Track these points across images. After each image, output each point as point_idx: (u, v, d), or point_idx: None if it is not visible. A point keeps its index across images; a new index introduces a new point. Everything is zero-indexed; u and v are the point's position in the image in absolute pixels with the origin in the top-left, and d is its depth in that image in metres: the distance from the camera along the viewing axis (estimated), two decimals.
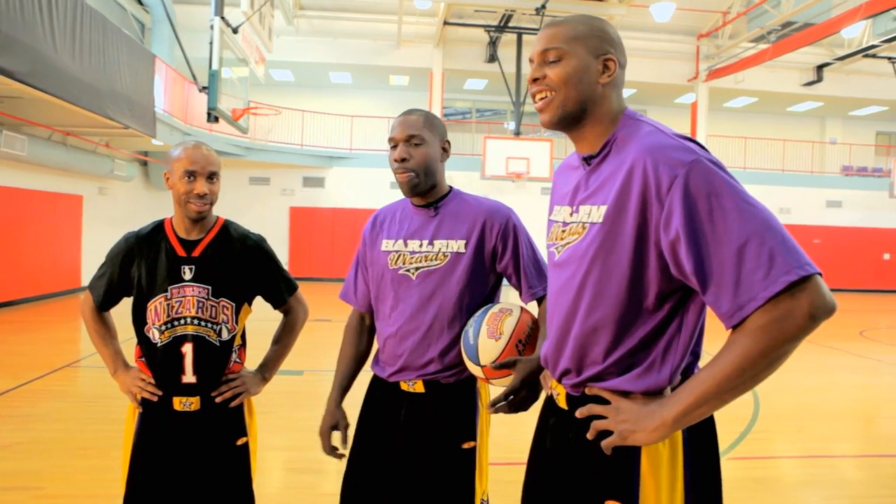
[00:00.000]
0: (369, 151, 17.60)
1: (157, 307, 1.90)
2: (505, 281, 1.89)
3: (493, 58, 16.16)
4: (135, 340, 1.98)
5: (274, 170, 16.96)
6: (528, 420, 1.64)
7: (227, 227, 2.00)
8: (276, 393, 5.51)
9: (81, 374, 6.03)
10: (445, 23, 15.20)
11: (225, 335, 1.93)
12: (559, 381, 1.31)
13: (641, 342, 1.19)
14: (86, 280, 12.99)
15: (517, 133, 15.79)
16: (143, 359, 1.95)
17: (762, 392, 5.35)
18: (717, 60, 17.08)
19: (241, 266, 1.96)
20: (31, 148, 9.86)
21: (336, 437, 1.91)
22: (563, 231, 1.30)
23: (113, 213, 14.22)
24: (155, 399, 1.90)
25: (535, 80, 1.28)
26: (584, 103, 1.25)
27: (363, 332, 2.01)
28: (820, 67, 17.53)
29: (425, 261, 1.78)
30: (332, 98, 18.89)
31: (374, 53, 16.89)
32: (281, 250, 17.21)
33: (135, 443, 1.91)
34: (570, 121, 1.27)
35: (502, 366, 1.59)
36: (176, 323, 1.89)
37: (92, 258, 13.12)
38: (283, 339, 2.14)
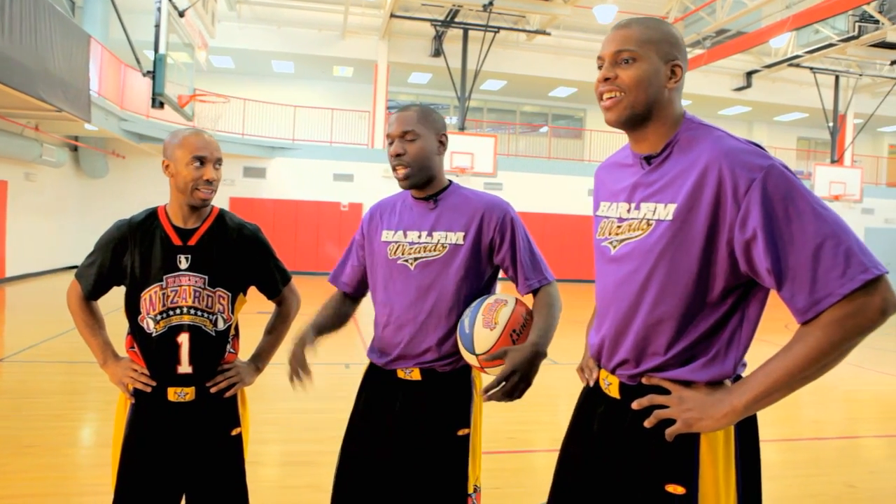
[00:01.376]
0: (312, 143, 17.36)
1: (151, 296, 1.87)
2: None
3: (438, 52, 16.20)
4: (121, 330, 1.94)
5: None
6: (517, 411, 1.72)
7: (222, 216, 1.97)
8: (256, 385, 5.40)
9: (14, 369, 5.75)
10: (392, 15, 15.13)
11: (221, 325, 1.91)
12: (613, 371, 1.37)
13: (704, 335, 1.26)
14: (10, 270, 12.33)
15: (461, 128, 15.90)
16: (136, 349, 1.91)
17: None
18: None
19: (238, 255, 1.95)
20: None
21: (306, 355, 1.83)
22: (620, 227, 1.36)
23: (41, 200, 13.54)
24: (148, 390, 1.86)
25: (606, 80, 1.32)
26: (651, 105, 1.30)
27: (341, 302, 2.04)
28: (749, 74, 18.42)
29: (424, 251, 1.82)
30: (274, 87, 18.53)
31: (318, 43, 16.66)
32: None
33: (126, 434, 1.87)
34: (636, 121, 1.32)
35: (495, 357, 1.64)
36: (172, 313, 1.86)
37: (17, 247, 12.47)
38: (277, 329, 2.13)
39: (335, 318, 2.01)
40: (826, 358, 1.14)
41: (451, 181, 1.91)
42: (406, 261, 1.84)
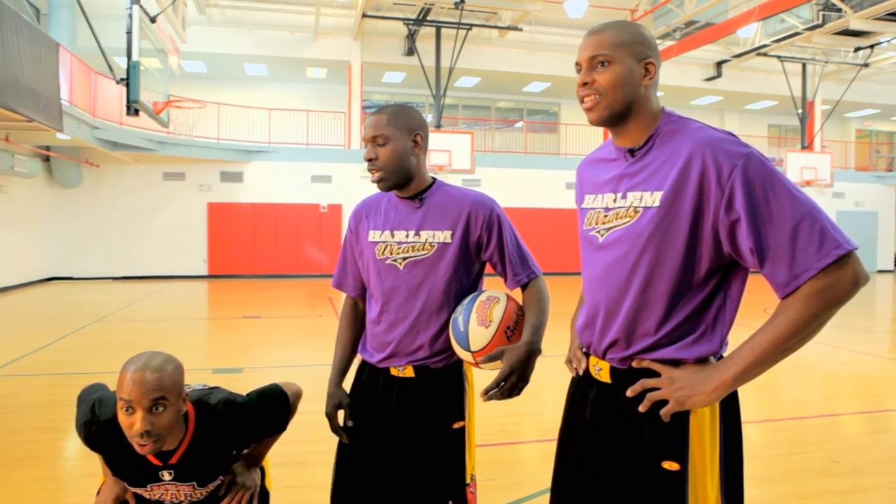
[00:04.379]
0: (288, 145, 17.28)
1: (137, 493, 1.77)
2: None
3: (411, 51, 16.22)
4: None
5: (189, 164, 16.36)
6: (506, 404, 1.77)
7: (201, 428, 1.69)
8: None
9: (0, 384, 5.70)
10: (364, 15, 15.11)
11: (220, 478, 1.83)
12: (603, 356, 1.44)
13: (691, 314, 1.34)
14: None
15: (437, 125, 15.94)
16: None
17: None
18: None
19: (230, 450, 1.78)
20: None
21: (341, 416, 1.94)
22: (607, 216, 1.43)
23: (13, 211, 13.33)
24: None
25: (584, 84, 1.40)
26: (629, 103, 1.38)
27: (357, 317, 2.06)
28: (719, 64, 18.71)
29: (412, 251, 1.84)
30: (248, 91, 18.41)
31: (290, 45, 16.59)
32: (199, 248, 16.66)
33: None
34: (616, 119, 1.40)
35: (491, 357, 1.69)
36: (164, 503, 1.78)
37: None
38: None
39: (353, 347, 2.03)
40: (807, 328, 1.22)
41: (434, 179, 1.92)
42: (395, 260, 1.86)
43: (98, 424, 1.65)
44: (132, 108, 7.70)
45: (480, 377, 1.97)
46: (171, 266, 16.47)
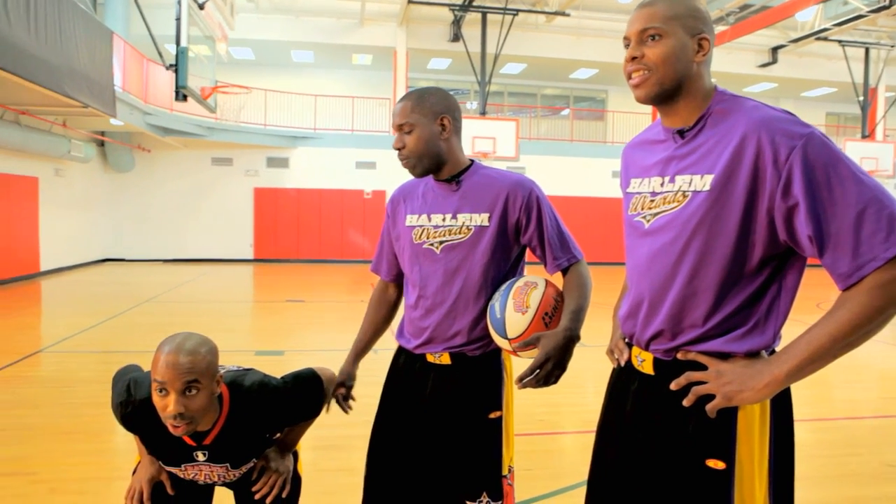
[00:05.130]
0: (333, 131, 17.41)
1: (172, 472, 1.79)
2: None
3: (457, 37, 16.09)
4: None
5: (237, 150, 16.66)
6: (545, 394, 1.72)
7: (235, 410, 1.69)
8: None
9: (50, 360, 5.90)
10: (409, 1, 15.05)
11: (253, 461, 1.84)
12: (647, 346, 1.37)
13: (742, 304, 1.25)
14: (45, 264, 12.62)
15: (482, 112, 15.82)
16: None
17: None
18: None
19: (263, 433, 1.79)
20: None
21: (340, 392, 1.95)
22: (653, 201, 1.35)
23: (69, 195, 13.81)
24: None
25: (633, 59, 1.32)
26: (680, 81, 1.30)
27: (385, 301, 2.05)
28: (775, 49, 18.01)
29: (449, 234, 1.80)
30: (294, 77, 18.59)
31: (337, 32, 16.65)
32: (245, 232, 16.98)
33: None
34: (665, 97, 1.32)
35: (527, 343, 1.64)
36: (196, 481, 1.80)
37: (50, 242, 12.74)
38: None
39: (375, 330, 2.05)
40: (870, 323, 1.13)
41: (472, 161, 1.88)
42: (432, 245, 1.82)
43: (133, 405, 1.65)
44: (180, 94, 7.85)
45: (519, 366, 1.91)
46: (218, 249, 16.84)
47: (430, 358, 1.84)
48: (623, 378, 1.45)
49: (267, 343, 6.87)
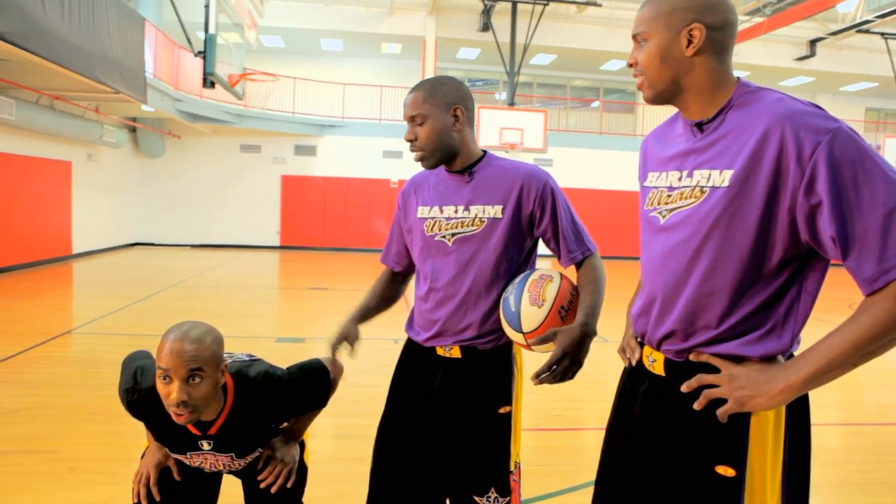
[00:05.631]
0: (361, 120, 17.44)
1: (178, 460, 1.80)
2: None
3: (486, 27, 15.96)
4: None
5: (265, 137, 16.78)
6: (532, 387, 1.69)
7: (240, 400, 1.68)
8: (279, 362, 5.54)
9: (79, 341, 6.03)
10: None
11: (259, 451, 1.83)
12: (658, 346, 1.32)
13: (760, 307, 1.20)
14: (77, 247, 12.88)
15: (511, 103, 15.69)
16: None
17: None
18: None
19: (268, 423, 1.78)
20: (18, 112, 9.68)
21: (344, 347, 1.89)
22: (670, 196, 1.30)
23: (101, 179, 14.05)
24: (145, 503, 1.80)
25: (630, 65, 1.32)
26: (674, 79, 1.26)
27: (390, 281, 2.04)
28: (813, 42, 17.53)
29: (461, 227, 1.77)
30: (323, 65, 18.64)
31: (366, 20, 16.63)
32: (272, 219, 17.14)
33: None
34: (666, 96, 1.29)
35: (543, 340, 1.61)
36: (202, 469, 1.81)
37: (82, 225, 12.99)
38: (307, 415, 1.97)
39: (381, 300, 2.02)
40: (894, 331, 1.07)
41: (485, 151, 1.84)
42: (444, 237, 1.79)
43: (139, 392, 1.65)
44: (208, 81, 7.91)
45: (530, 361, 1.89)
46: (245, 236, 17.02)
47: (440, 351, 1.81)
48: (633, 378, 1.40)
49: (288, 330, 6.92)
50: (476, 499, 1.75)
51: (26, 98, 10.17)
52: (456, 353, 1.79)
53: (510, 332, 1.69)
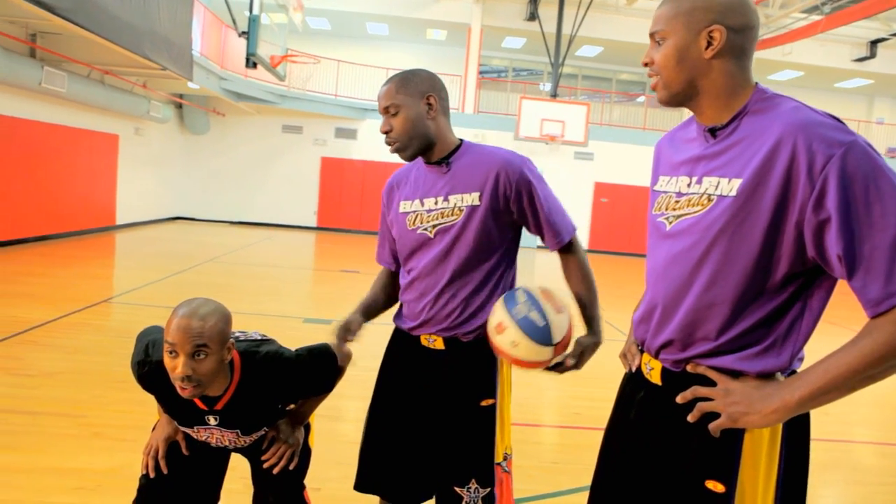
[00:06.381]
0: None
1: (186, 434, 1.84)
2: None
3: (533, 16, 15.80)
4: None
5: (307, 119, 16.95)
6: (552, 383, 1.69)
7: (246, 378, 1.71)
8: (304, 343, 5.62)
9: (116, 310, 6.21)
10: None
11: (264, 430, 1.86)
12: (656, 355, 1.30)
13: (760, 322, 1.17)
14: (120, 218, 13.24)
15: (553, 95, 15.52)
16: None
17: None
18: (764, 30, 16.49)
19: (273, 403, 1.80)
20: (70, 85, 9.96)
21: (344, 334, 1.87)
22: (678, 202, 1.27)
23: (147, 153, 14.39)
24: (152, 474, 1.84)
25: (646, 65, 1.28)
26: (690, 82, 1.22)
27: (391, 278, 2.04)
28: (874, 42, 16.86)
29: (441, 217, 1.78)
30: (368, 49, 18.70)
31: (412, 5, 16.61)
32: (310, 200, 17.33)
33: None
34: (681, 99, 1.25)
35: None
36: (210, 446, 1.85)
37: (126, 197, 13.35)
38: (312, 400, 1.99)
39: (386, 297, 2.02)
40: None
41: (462, 140, 1.84)
42: (426, 229, 1.80)
43: (150, 365, 1.69)
44: (250, 61, 8.00)
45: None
46: (283, 215, 17.27)
47: (424, 341, 1.84)
48: (631, 384, 1.39)
49: (317, 311, 7.01)
50: (457, 489, 1.78)
51: (78, 72, 10.45)
52: (439, 344, 1.82)
53: (535, 351, 1.57)
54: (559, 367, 1.66)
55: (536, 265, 12.85)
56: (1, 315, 5.45)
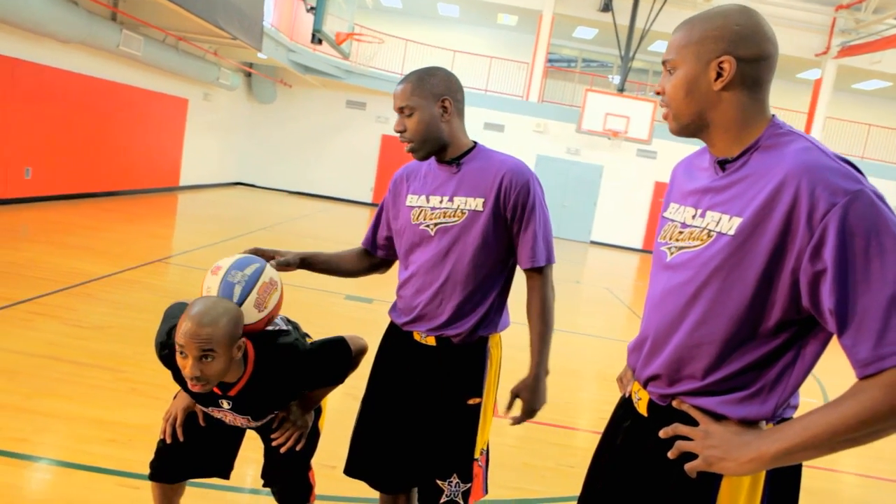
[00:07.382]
0: (467, 89, 17.34)
1: (199, 411, 1.91)
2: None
3: (607, 7, 15.41)
4: None
5: (371, 96, 17.09)
6: (609, 391, 1.67)
7: (259, 368, 1.74)
8: (345, 320, 5.74)
9: (172, 270, 6.46)
10: None
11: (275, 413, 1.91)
12: (645, 385, 1.27)
13: (749, 367, 1.13)
14: (184, 179, 13.71)
15: (621, 89, 15.17)
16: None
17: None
18: (853, 36, 15.65)
19: (285, 393, 1.83)
20: (146, 49, 10.32)
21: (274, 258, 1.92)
22: (682, 233, 1.24)
23: (214, 119, 14.81)
24: (168, 440, 1.92)
25: (657, 93, 1.25)
26: (699, 113, 1.19)
27: (358, 255, 2.09)
28: None
29: (444, 217, 1.80)
30: (437, 30, 18.65)
31: None
32: (368, 176, 17.52)
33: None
34: (691, 130, 1.22)
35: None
36: (222, 423, 1.91)
37: (192, 160, 13.79)
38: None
39: (341, 259, 2.07)
40: (881, 423, 0.97)
41: (475, 143, 1.85)
42: (427, 226, 1.82)
43: (170, 348, 1.72)
44: (315, 37, 8.10)
45: (507, 354, 1.97)
46: (340, 189, 17.53)
47: (416, 337, 1.87)
48: (622, 410, 1.37)
49: (359, 289, 7.09)
50: (439, 482, 1.82)
51: (154, 36, 10.81)
52: (431, 341, 1.85)
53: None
54: (514, 419, 1.80)
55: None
56: (63, 266, 5.74)
